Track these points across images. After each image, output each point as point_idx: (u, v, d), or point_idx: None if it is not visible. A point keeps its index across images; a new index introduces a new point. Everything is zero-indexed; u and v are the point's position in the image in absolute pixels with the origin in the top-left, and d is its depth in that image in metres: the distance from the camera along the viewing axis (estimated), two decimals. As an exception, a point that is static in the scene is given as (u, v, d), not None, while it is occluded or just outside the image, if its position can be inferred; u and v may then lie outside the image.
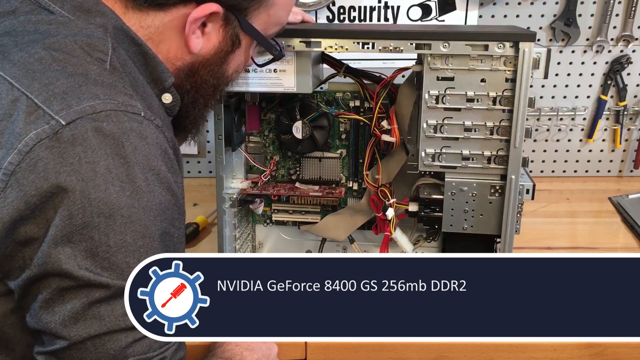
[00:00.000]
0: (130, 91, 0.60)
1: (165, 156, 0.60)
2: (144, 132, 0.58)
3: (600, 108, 1.36)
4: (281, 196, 1.00)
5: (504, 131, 0.82)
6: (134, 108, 0.58)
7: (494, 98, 0.81)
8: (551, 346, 0.83)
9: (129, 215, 0.56)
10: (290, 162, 1.00)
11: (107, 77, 0.58)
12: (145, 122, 0.58)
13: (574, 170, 1.43)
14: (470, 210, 0.86)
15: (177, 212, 0.62)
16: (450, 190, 0.85)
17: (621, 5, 1.29)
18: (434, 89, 0.82)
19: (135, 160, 0.56)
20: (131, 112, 0.57)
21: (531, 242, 1.11)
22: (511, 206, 0.83)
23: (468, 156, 0.84)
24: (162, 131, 0.61)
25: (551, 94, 1.36)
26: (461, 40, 0.79)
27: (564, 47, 1.33)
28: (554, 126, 1.38)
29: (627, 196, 1.27)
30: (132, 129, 0.56)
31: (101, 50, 0.60)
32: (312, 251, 1.03)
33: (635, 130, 1.39)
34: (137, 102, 0.59)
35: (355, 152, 0.98)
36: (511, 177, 0.82)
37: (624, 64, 1.33)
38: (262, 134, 0.99)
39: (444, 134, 0.83)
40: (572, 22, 1.30)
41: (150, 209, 0.57)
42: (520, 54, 0.78)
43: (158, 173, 0.58)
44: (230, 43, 0.70)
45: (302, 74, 0.87)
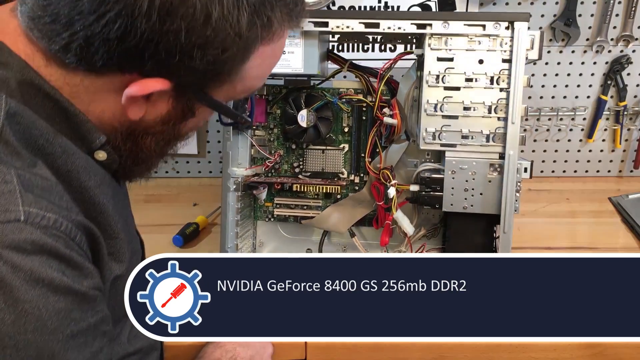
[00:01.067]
0: (14, 182, 0.49)
1: (57, 259, 0.50)
2: (23, 244, 0.48)
3: (600, 108, 1.36)
4: (284, 187, 1.01)
5: (501, 109, 0.85)
6: (9, 214, 0.48)
7: (491, 77, 0.85)
8: (551, 346, 0.83)
9: (17, 342, 0.47)
10: (294, 156, 1.02)
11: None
12: (27, 229, 0.48)
13: (574, 170, 1.43)
14: (470, 189, 0.87)
15: (86, 304, 0.53)
16: (450, 169, 0.87)
17: (621, 5, 1.29)
18: (435, 69, 0.86)
19: (15, 282, 0.47)
20: (6, 221, 0.48)
21: (531, 242, 1.11)
22: (510, 182, 0.85)
23: (467, 134, 0.86)
24: (56, 226, 0.51)
25: (551, 94, 1.36)
26: (460, 20, 0.84)
27: (564, 47, 1.33)
28: (554, 126, 1.38)
29: (627, 196, 1.27)
30: (9, 245, 0.47)
31: None
32: (313, 250, 1.03)
33: (635, 130, 1.39)
34: (18, 198, 0.49)
35: (357, 146, 1.00)
36: (509, 152, 0.84)
37: (624, 64, 1.33)
38: (267, 127, 1.01)
39: (444, 112, 0.86)
40: (572, 22, 1.30)
41: (44, 326, 0.49)
42: (515, 33, 0.82)
43: (50, 283, 0.49)
44: (182, 114, 0.60)
45: (309, 55, 0.89)
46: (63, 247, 0.51)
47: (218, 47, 0.54)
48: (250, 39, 0.56)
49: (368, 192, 0.98)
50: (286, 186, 1.01)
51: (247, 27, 0.54)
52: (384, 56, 1.29)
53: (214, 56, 0.54)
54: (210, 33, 0.53)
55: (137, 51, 0.52)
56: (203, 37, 0.53)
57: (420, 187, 0.90)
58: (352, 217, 0.99)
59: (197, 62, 0.54)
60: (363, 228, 1.01)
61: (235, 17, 0.53)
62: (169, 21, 0.51)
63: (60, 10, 0.52)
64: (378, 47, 1.30)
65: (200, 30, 0.52)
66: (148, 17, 0.50)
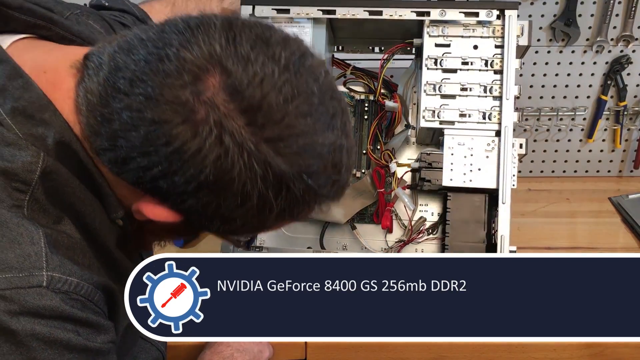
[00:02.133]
0: (41, 243, 0.51)
1: (72, 322, 0.53)
2: (42, 310, 0.50)
3: (600, 108, 1.36)
4: None
5: (496, 90, 0.91)
6: (33, 279, 0.50)
7: (485, 61, 0.92)
8: (551, 346, 0.83)
9: None
10: None
11: (14, 235, 0.50)
12: (48, 296, 0.51)
13: (574, 170, 1.42)
14: (468, 164, 0.91)
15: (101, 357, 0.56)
16: (449, 145, 0.92)
17: (621, 5, 1.29)
18: (433, 54, 0.93)
19: (32, 344, 0.50)
20: (29, 286, 0.50)
21: (531, 242, 1.11)
22: (507, 154, 0.89)
23: (465, 112, 0.91)
24: (77, 290, 0.53)
25: (551, 94, 1.36)
26: (455, 8, 0.91)
27: (564, 47, 1.33)
28: (554, 126, 1.38)
29: (627, 196, 1.27)
30: (29, 310, 0.50)
31: (21, 179, 0.51)
32: (313, 248, 1.03)
33: (635, 130, 1.38)
34: (43, 261, 0.51)
35: (359, 144, 1.01)
36: (505, 125, 0.89)
37: (624, 64, 1.33)
38: None
39: (443, 92, 0.92)
40: (572, 22, 1.30)
41: None
42: (506, 20, 0.91)
43: (66, 344, 0.52)
44: (185, 232, 0.64)
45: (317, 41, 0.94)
46: (80, 310, 0.53)
47: (240, 223, 0.55)
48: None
49: (369, 181, 0.99)
50: None
51: (274, 219, 0.56)
52: (384, 56, 1.29)
53: (232, 226, 0.56)
54: (238, 214, 0.54)
55: (164, 191, 0.52)
56: (229, 212, 0.53)
57: (421, 164, 0.93)
58: (352, 208, 0.99)
59: (216, 223, 0.56)
60: (364, 225, 1.01)
61: (266, 211, 0.53)
62: (206, 193, 0.51)
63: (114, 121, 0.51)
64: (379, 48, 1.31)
65: (231, 211, 0.53)
66: (189, 179, 0.50)
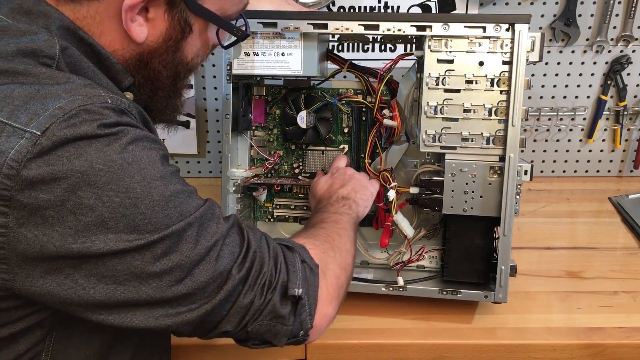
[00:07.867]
0: (89, 81, 0.58)
1: (147, 124, 0.62)
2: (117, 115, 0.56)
3: (600, 108, 1.36)
4: (284, 188, 1.01)
5: (502, 112, 0.84)
6: (99, 98, 0.55)
7: (492, 79, 0.84)
8: (551, 346, 0.83)
9: (143, 179, 0.55)
10: (294, 157, 1.02)
11: (60, 77, 0.56)
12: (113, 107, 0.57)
13: (574, 170, 1.43)
14: (470, 192, 0.87)
15: (176, 172, 0.61)
16: (450, 171, 0.87)
17: (621, 5, 1.29)
18: (435, 71, 0.85)
19: (122, 141, 0.55)
20: (98, 103, 0.55)
21: (531, 242, 1.11)
22: (510, 185, 0.84)
23: (467, 137, 0.85)
24: (131, 109, 0.60)
25: (551, 94, 1.36)
26: (460, 22, 0.83)
27: (564, 47, 1.33)
28: (554, 126, 1.38)
29: (627, 196, 1.27)
30: (105, 115, 0.55)
31: (47, 55, 0.57)
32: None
33: (635, 130, 1.39)
34: (99, 90, 0.57)
35: (357, 147, 1.00)
36: (510, 155, 0.83)
37: (624, 64, 1.33)
38: (267, 128, 1.01)
39: (444, 114, 0.85)
40: (572, 22, 1.30)
41: (154, 176, 0.56)
42: (516, 35, 0.81)
43: (150, 142, 0.58)
44: (180, 29, 0.65)
45: (308, 57, 0.90)
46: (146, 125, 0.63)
47: None
48: None
49: None
50: (286, 187, 1.01)
51: None
52: (384, 56, 1.29)
53: None
54: None
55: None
56: None
57: (420, 190, 0.89)
58: None
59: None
60: (363, 229, 1.01)
61: None
62: None
63: None
64: (378, 47, 1.31)
65: None
66: None
